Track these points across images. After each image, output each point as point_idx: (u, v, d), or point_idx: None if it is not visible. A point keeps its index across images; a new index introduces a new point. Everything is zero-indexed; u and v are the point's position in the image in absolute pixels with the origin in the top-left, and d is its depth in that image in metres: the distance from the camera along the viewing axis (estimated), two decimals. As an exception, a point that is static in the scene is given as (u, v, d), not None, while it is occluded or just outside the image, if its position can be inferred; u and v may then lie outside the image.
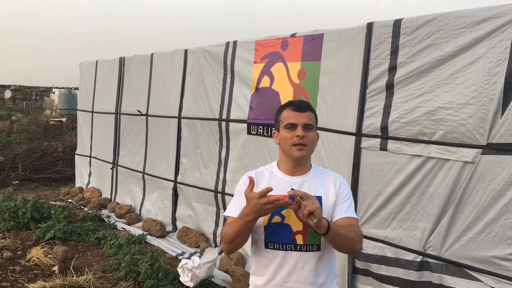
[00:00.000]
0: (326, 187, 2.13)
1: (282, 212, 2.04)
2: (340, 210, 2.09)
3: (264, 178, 2.16)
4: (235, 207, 2.12)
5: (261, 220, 2.04)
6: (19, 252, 5.29)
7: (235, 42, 5.26)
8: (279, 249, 2.06)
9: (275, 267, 2.06)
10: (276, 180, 2.13)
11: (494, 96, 3.04)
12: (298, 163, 2.13)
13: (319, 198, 2.06)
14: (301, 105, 2.12)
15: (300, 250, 2.04)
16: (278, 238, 2.05)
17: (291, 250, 2.04)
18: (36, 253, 5.11)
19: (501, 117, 3.00)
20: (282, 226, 2.05)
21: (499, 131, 3.01)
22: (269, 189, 1.85)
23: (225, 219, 2.24)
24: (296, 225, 2.03)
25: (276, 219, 2.05)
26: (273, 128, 2.26)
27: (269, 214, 2.00)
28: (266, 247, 2.09)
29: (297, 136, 2.04)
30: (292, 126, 2.07)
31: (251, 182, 1.94)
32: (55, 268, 4.84)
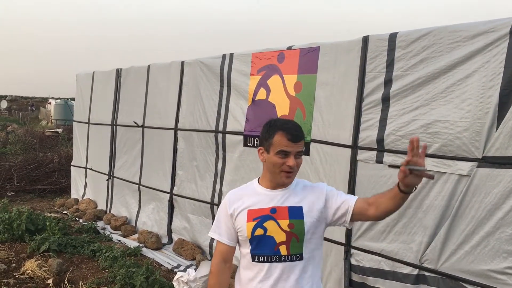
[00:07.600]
0: (309, 199, 2.15)
1: (264, 224, 2.07)
2: (346, 197, 2.15)
3: (246, 193, 2.20)
4: (220, 231, 2.21)
5: (245, 233, 2.10)
6: (13, 265, 5.24)
7: (231, 55, 5.28)
8: (264, 261, 2.09)
9: (260, 280, 2.09)
10: (258, 195, 2.16)
11: (489, 110, 3.05)
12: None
13: (300, 209, 2.10)
14: (296, 134, 2.08)
15: (285, 260, 2.06)
16: (262, 250, 2.08)
17: (275, 261, 2.07)
18: (30, 266, 5.06)
19: (496, 131, 3.02)
20: (265, 238, 2.07)
21: (494, 144, 3.03)
22: None
23: None
24: (279, 236, 2.06)
25: (259, 231, 2.08)
26: (258, 144, 2.31)
27: (252, 227, 2.07)
28: (253, 260, 2.13)
29: (289, 165, 2.06)
30: (285, 155, 2.07)
31: None
32: (50, 281, 4.79)
